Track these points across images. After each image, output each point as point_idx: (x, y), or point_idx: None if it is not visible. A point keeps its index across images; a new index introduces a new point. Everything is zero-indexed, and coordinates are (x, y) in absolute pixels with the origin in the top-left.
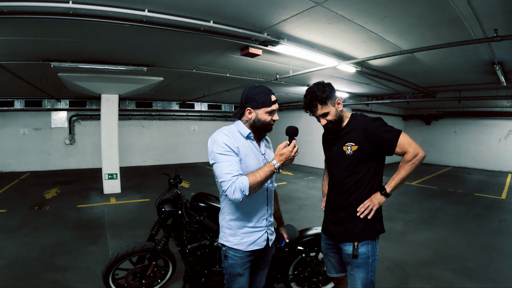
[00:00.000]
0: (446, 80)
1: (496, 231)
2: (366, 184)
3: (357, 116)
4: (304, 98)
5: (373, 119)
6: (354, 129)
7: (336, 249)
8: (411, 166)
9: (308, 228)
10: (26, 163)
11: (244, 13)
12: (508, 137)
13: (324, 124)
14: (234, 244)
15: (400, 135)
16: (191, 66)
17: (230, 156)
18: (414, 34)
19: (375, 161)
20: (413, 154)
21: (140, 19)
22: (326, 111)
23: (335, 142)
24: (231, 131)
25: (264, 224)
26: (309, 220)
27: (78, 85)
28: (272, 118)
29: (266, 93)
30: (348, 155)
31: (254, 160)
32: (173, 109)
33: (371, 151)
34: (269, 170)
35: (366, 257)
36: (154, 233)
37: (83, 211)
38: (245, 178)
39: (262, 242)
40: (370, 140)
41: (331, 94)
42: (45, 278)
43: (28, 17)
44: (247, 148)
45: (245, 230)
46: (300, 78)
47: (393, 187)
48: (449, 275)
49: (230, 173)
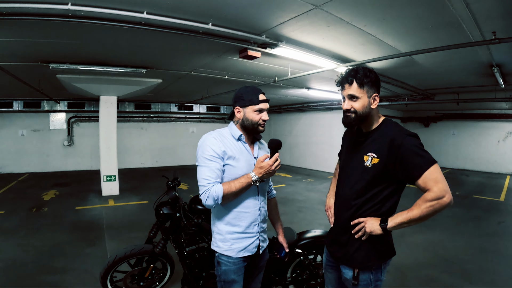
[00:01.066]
0: (445, 82)
1: (495, 233)
2: (374, 205)
3: (390, 123)
4: (345, 71)
5: (407, 133)
6: (381, 137)
7: (335, 267)
8: (428, 209)
9: (307, 231)
10: (25, 164)
11: (243, 15)
12: (507, 139)
13: (346, 108)
14: (224, 250)
15: (432, 166)
16: (189, 68)
17: (212, 162)
18: (412, 36)
19: (392, 184)
20: (437, 196)
21: (139, 21)
22: (356, 95)
23: (358, 147)
24: (222, 134)
25: (256, 230)
26: (307, 223)
27: (77, 87)
28: (262, 117)
29: (254, 92)
30: (366, 167)
31: (244, 163)
32: (172, 111)
33: (392, 171)
34: (245, 182)
35: (367, 284)
36: (153, 236)
37: (81, 213)
38: (219, 187)
39: (253, 248)
40: (392, 155)
41: (373, 84)
42: (43, 280)
43: (27, 19)
44: (237, 151)
45: (235, 236)
46: (299, 81)
47: (397, 224)
48: (447, 277)
49: (207, 179)
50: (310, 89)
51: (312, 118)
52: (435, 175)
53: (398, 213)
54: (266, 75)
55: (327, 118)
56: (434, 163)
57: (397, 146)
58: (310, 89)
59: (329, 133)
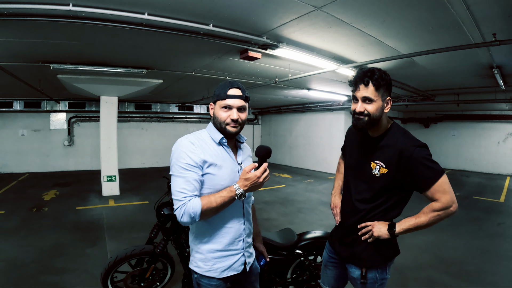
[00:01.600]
0: (445, 83)
1: (495, 234)
2: (384, 209)
3: (398, 131)
4: (358, 71)
5: (416, 143)
6: (390, 146)
7: (338, 265)
8: (435, 217)
9: (307, 232)
10: (25, 164)
11: (244, 16)
12: (507, 140)
13: (360, 110)
14: (205, 271)
15: (441, 178)
16: (190, 69)
17: (189, 171)
18: (413, 38)
19: (400, 192)
20: (444, 206)
21: (140, 22)
22: (371, 97)
23: (362, 149)
24: (201, 137)
25: (241, 246)
26: (307, 223)
27: (77, 87)
28: (230, 116)
29: (226, 85)
30: (374, 175)
31: (227, 171)
32: (172, 111)
33: (401, 181)
34: (227, 196)
35: (373, 282)
36: (153, 236)
37: (81, 213)
38: (197, 202)
39: (238, 266)
40: (401, 167)
41: (387, 87)
42: (43, 280)
43: (28, 20)
44: (219, 157)
45: (217, 255)
46: (299, 82)
47: (404, 229)
48: (447, 278)
49: (182, 193)
50: (311, 90)
51: (313, 119)
52: (443, 187)
53: (405, 218)
54: (266, 76)
55: (328, 119)
56: (443, 174)
57: (406, 158)
58: (310, 90)
59: (329, 134)
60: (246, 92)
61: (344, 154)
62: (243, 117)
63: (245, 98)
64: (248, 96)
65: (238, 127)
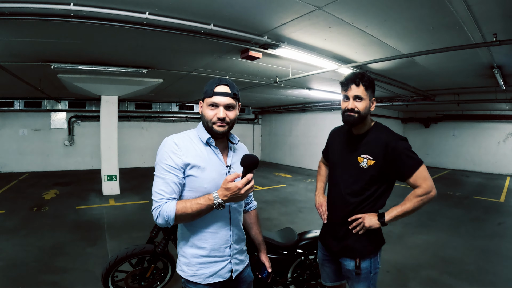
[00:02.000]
0: (445, 83)
1: (495, 234)
2: (371, 201)
3: (381, 127)
4: (349, 74)
5: (399, 137)
6: (374, 141)
7: (333, 261)
8: (419, 202)
9: (307, 231)
10: (25, 163)
11: (245, 16)
12: (507, 140)
13: (350, 107)
14: (189, 276)
15: (421, 166)
16: (191, 69)
17: (169, 173)
18: (413, 38)
19: (386, 182)
20: (425, 191)
21: (140, 21)
22: (362, 96)
23: (348, 146)
24: (189, 136)
25: (227, 253)
26: (308, 223)
27: (77, 86)
28: (217, 115)
29: (214, 82)
30: (362, 168)
31: (211, 174)
32: (173, 110)
33: (387, 171)
34: (204, 204)
35: (368, 271)
36: (154, 235)
37: (82, 212)
38: (171, 206)
39: (225, 273)
40: (387, 159)
41: (373, 89)
42: (44, 279)
43: (29, 19)
44: (203, 158)
45: (202, 260)
46: (300, 81)
47: (392, 217)
48: (447, 277)
49: (160, 194)
50: (311, 90)
51: (313, 119)
52: (423, 174)
53: (392, 208)
54: (267, 75)
55: (328, 118)
56: (422, 163)
57: (391, 149)
58: (311, 89)
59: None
60: (235, 89)
61: (326, 156)
62: (231, 116)
63: (234, 96)
64: (238, 93)
65: (226, 127)
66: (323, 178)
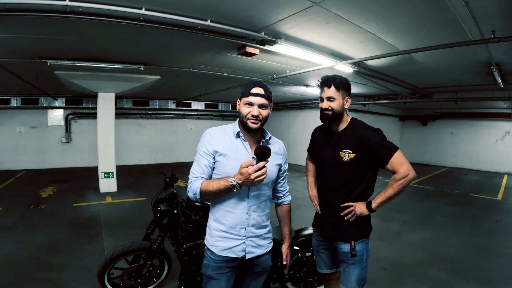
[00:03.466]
0: (443, 81)
1: (492, 231)
2: (360, 189)
3: (356, 123)
4: (323, 77)
5: (373, 129)
6: (351, 136)
7: (328, 246)
8: (399, 187)
9: (304, 228)
10: (22, 161)
11: (242, 12)
12: (505, 138)
13: (324, 107)
14: (209, 245)
15: (395, 153)
16: (188, 65)
17: (202, 157)
18: (411, 34)
19: (370, 170)
20: (403, 175)
21: (137, 17)
22: (334, 97)
23: (330, 144)
24: (224, 129)
25: (243, 233)
26: (305, 220)
27: (75, 83)
28: (251, 112)
29: (250, 84)
30: (345, 162)
31: (236, 162)
32: (170, 107)
33: (366, 161)
34: (223, 185)
35: (362, 254)
36: (150, 232)
37: (79, 209)
38: (198, 183)
39: (239, 251)
40: (364, 149)
41: (346, 88)
42: (40, 277)
43: (25, 15)
44: (231, 148)
45: (220, 234)
46: (297, 78)
47: (378, 204)
48: (444, 275)
49: (193, 173)
50: (309, 87)
51: (310, 116)
52: (399, 159)
53: (377, 195)
54: (264, 72)
55: None
56: (397, 149)
57: (366, 141)
58: (308, 86)
59: None
60: (269, 91)
61: (312, 153)
62: (264, 114)
63: (267, 97)
64: (270, 94)
65: (258, 123)
66: (312, 173)
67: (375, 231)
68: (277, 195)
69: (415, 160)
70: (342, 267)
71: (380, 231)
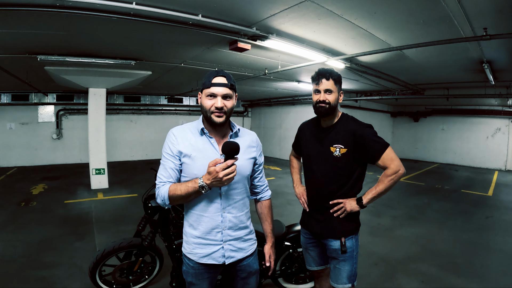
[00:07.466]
0: (435, 77)
1: (483, 227)
2: (349, 186)
3: (347, 118)
4: (319, 70)
5: (365, 125)
6: (343, 131)
7: (317, 243)
8: (390, 182)
9: (295, 224)
10: (13, 158)
11: (234, 7)
12: (495, 135)
13: (322, 99)
14: (187, 252)
15: (387, 149)
16: (179, 60)
17: (167, 160)
18: (403, 31)
19: (360, 165)
20: (394, 171)
21: (127, 12)
22: (332, 89)
23: (319, 139)
24: (187, 128)
25: (219, 238)
26: (296, 216)
27: (65, 79)
28: (215, 104)
29: (212, 74)
30: (336, 156)
31: (204, 161)
32: (162, 103)
33: (358, 156)
34: (192, 187)
35: (352, 250)
36: (141, 229)
37: (70, 206)
38: (165, 188)
39: (218, 257)
40: (356, 145)
41: (341, 83)
42: (32, 275)
43: (14, 10)
44: (195, 147)
45: (196, 241)
46: (289, 74)
47: (369, 199)
48: (436, 270)
49: (159, 178)
50: (301, 82)
51: (302, 112)
52: (390, 155)
53: (368, 190)
54: (256, 67)
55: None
56: (388, 146)
57: (359, 136)
58: (300, 82)
59: None
60: (232, 80)
61: (297, 149)
62: (228, 105)
63: (231, 86)
64: (234, 84)
65: (224, 116)
66: (297, 170)
67: (366, 226)
68: (255, 191)
69: (407, 156)
70: (332, 264)
71: (371, 227)
